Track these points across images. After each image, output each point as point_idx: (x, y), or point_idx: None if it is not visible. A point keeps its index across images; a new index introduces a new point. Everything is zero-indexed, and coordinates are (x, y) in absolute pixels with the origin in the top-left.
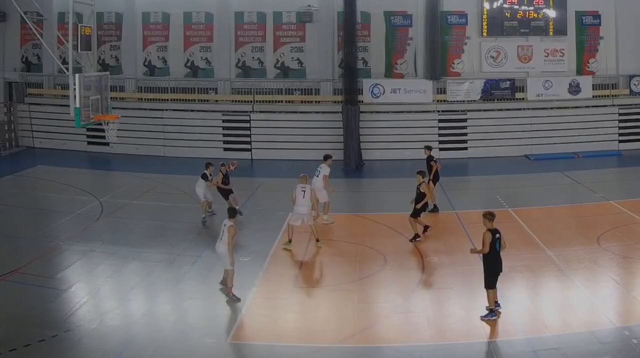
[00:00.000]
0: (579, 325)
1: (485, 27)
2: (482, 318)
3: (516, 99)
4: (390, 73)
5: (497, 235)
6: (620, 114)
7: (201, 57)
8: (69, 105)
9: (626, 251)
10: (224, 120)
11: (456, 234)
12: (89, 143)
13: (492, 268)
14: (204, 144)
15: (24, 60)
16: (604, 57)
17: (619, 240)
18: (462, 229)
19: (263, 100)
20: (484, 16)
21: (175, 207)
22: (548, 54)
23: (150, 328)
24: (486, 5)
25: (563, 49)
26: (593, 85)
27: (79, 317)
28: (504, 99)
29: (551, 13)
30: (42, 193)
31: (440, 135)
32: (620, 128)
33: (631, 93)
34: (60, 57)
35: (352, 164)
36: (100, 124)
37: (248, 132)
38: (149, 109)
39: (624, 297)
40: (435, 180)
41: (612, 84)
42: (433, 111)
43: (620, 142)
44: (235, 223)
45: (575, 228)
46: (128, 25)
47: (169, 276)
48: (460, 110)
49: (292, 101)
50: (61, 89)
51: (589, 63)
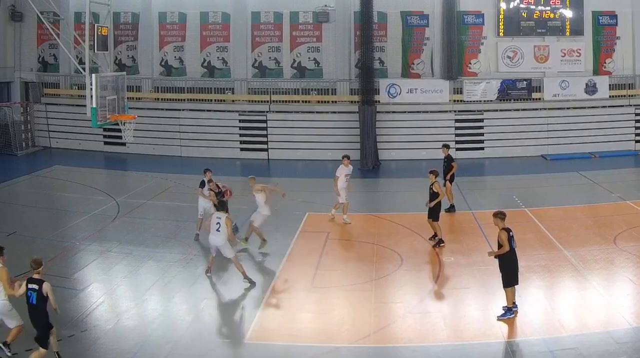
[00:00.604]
0: (595, 325)
1: (502, 27)
2: (499, 318)
3: (533, 99)
4: (406, 73)
5: (511, 233)
6: (636, 114)
7: (218, 57)
8: (85, 105)
9: None
10: (240, 120)
11: (473, 234)
12: (106, 143)
13: (510, 267)
14: (221, 144)
15: (40, 60)
16: (620, 57)
17: (635, 240)
18: (479, 229)
19: (280, 100)
20: (501, 16)
21: (191, 207)
22: (565, 54)
23: (166, 328)
24: (503, 5)
25: (580, 49)
26: (610, 85)
27: (95, 317)
28: (520, 99)
29: (568, 13)
30: (59, 193)
31: (456, 135)
32: (636, 128)
33: None
34: (77, 57)
35: (369, 164)
36: (117, 124)
37: (265, 132)
38: (166, 109)
39: None
40: (451, 179)
41: (629, 84)
42: (450, 111)
43: (636, 142)
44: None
45: (592, 228)
46: (144, 25)
47: (184, 276)
48: (477, 110)
49: (309, 101)
50: (78, 89)
51: (605, 63)
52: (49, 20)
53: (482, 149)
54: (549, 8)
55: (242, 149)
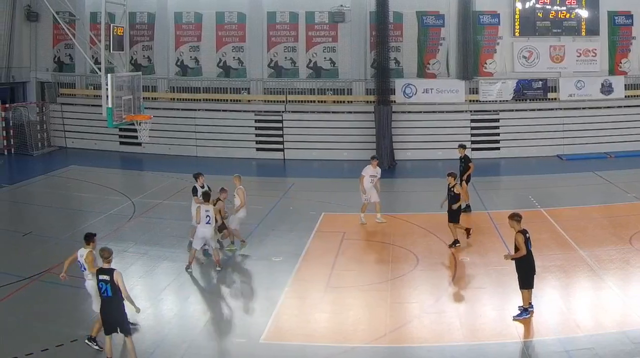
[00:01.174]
0: (611, 325)
1: (518, 27)
2: (515, 318)
3: (548, 99)
4: (422, 73)
5: (527, 235)
6: None
7: (233, 57)
8: (101, 105)
9: None
10: (256, 120)
11: (488, 234)
12: (121, 143)
13: (527, 268)
14: (237, 144)
15: (56, 60)
16: (636, 57)
17: None
18: (495, 229)
19: (295, 100)
20: (516, 16)
21: None
22: (580, 54)
23: (182, 328)
24: (518, 5)
25: (595, 49)
26: (625, 85)
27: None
28: (536, 99)
29: (583, 13)
30: (75, 194)
31: (472, 135)
32: None
33: None
34: (93, 57)
35: (385, 164)
36: (133, 124)
37: (280, 132)
38: (182, 109)
39: None
40: (467, 180)
41: None
42: (465, 111)
43: None
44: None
45: (608, 228)
46: (160, 25)
47: (200, 276)
48: (493, 110)
49: (325, 101)
50: (93, 89)
51: (621, 63)
52: (65, 20)
53: (498, 149)
54: (564, 8)
55: (258, 149)
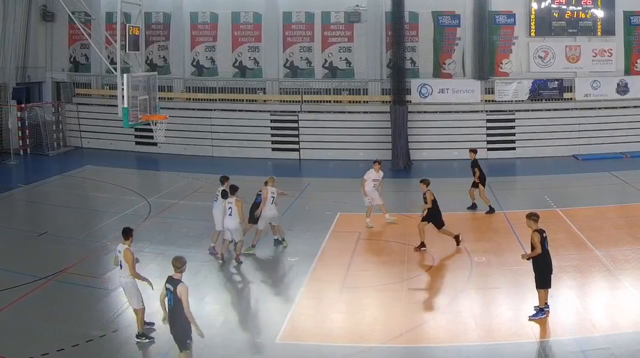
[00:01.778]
0: (627, 325)
1: (534, 27)
2: (531, 318)
3: (564, 99)
4: (438, 73)
5: (544, 234)
6: None
7: (249, 57)
8: (116, 105)
9: None
10: (272, 120)
11: (504, 234)
12: (137, 143)
13: (544, 268)
14: (252, 144)
15: (72, 60)
16: None
17: None
18: (510, 229)
19: (311, 100)
20: (532, 16)
21: None
22: (596, 54)
23: None
24: (534, 5)
25: (611, 49)
26: None
27: (126, 317)
28: (552, 99)
29: (599, 13)
30: (90, 194)
31: (488, 135)
32: None
33: None
34: (108, 57)
35: (400, 164)
36: (148, 124)
37: (296, 132)
38: (197, 109)
39: None
40: (482, 182)
41: None
42: (481, 111)
43: None
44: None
45: (624, 228)
46: (176, 25)
47: (216, 276)
48: (508, 110)
49: (340, 101)
50: (109, 89)
51: (637, 63)
52: (81, 20)
53: (514, 149)
54: (580, 8)
55: (274, 149)
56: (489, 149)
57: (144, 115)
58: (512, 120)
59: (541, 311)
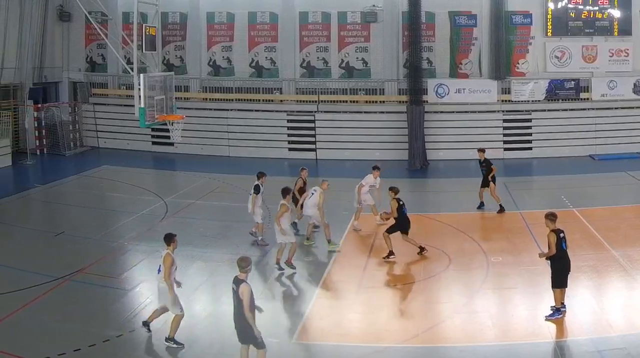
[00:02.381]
0: None
1: (550, 27)
2: (547, 318)
3: (581, 99)
4: (454, 73)
5: (562, 235)
6: None
7: (266, 57)
8: (133, 105)
9: None
10: (288, 120)
11: (521, 234)
12: (154, 143)
13: (560, 268)
14: (269, 144)
15: (88, 60)
16: None
17: None
18: (527, 229)
19: (327, 100)
20: (549, 16)
21: (239, 207)
22: (613, 54)
23: (214, 328)
24: (551, 5)
25: (628, 49)
26: None
27: (143, 317)
28: (568, 99)
29: (616, 13)
30: (107, 193)
31: (504, 135)
32: None
33: None
34: (125, 57)
35: (417, 164)
36: (165, 124)
37: (313, 132)
38: (214, 109)
39: None
40: (493, 180)
41: None
42: (498, 111)
43: None
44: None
45: None
46: (193, 25)
47: (233, 276)
48: (525, 110)
49: (357, 101)
50: (126, 89)
51: None
52: (97, 20)
53: (530, 149)
54: (597, 8)
55: (290, 149)
56: (505, 149)
57: (161, 115)
58: (529, 120)
59: (557, 311)
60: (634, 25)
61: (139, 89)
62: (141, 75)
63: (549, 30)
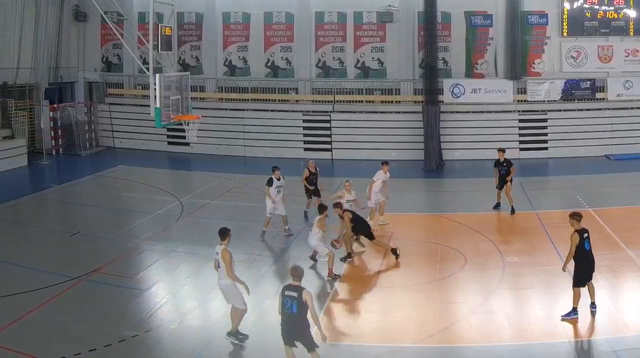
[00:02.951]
0: None
1: (566, 27)
2: (563, 318)
3: (596, 99)
4: (470, 73)
5: (586, 235)
6: None
7: (282, 57)
8: (149, 105)
9: None
10: (304, 120)
11: (536, 234)
12: (169, 143)
13: (582, 267)
14: (285, 143)
15: (104, 60)
16: None
17: None
18: (543, 229)
19: (343, 100)
20: (565, 16)
21: (254, 207)
22: (628, 53)
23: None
24: (566, 5)
25: None
26: None
27: (159, 317)
28: (584, 99)
29: (631, 13)
30: (123, 193)
31: (520, 135)
32: None
33: None
34: (141, 57)
35: (433, 164)
36: (181, 124)
37: (328, 132)
38: (230, 109)
39: None
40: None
41: None
42: (513, 111)
43: None
44: (324, 218)
45: None
46: (208, 25)
47: (248, 276)
48: (541, 110)
49: (373, 101)
50: (141, 89)
51: None
52: (113, 21)
53: (546, 149)
54: (612, 8)
55: (306, 149)
56: (521, 149)
57: (177, 115)
58: (545, 120)
59: (574, 311)
60: None
61: (155, 89)
62: (157, 75)
63: (564, 30)
